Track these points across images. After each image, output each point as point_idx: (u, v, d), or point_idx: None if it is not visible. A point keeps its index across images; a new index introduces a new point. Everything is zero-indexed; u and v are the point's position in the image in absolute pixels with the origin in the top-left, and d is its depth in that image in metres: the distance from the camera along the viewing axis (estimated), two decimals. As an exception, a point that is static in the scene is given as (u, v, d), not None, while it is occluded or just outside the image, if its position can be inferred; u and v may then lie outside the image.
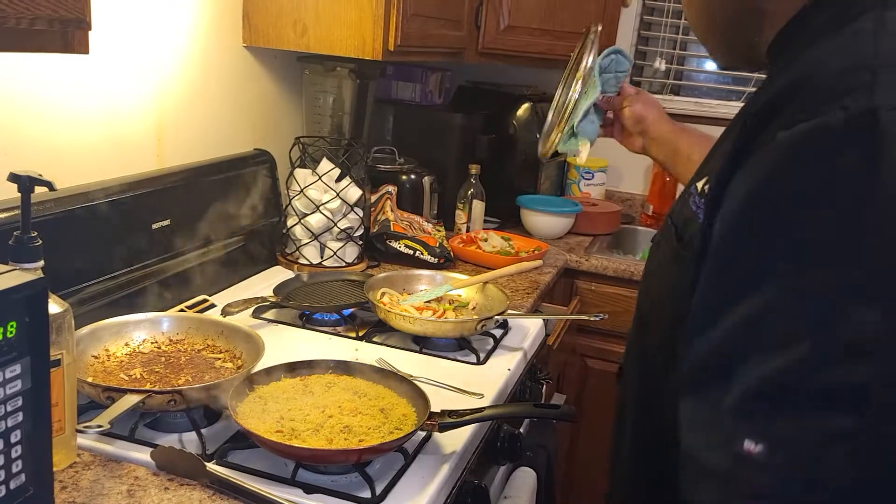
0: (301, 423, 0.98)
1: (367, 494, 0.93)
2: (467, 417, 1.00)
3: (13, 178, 0.85)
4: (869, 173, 0.52)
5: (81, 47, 0.84)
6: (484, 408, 1.04)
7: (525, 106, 2.32)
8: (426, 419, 0.98)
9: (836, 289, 0.52)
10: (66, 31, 0.81)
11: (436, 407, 1.03)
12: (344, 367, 1.13)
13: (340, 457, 0.94)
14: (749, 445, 0.53)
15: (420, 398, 1.04)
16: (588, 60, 1.25)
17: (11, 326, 0.70)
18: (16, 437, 0.72)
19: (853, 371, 0.51)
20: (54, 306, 0.90)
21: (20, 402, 0.72)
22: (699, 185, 0.73)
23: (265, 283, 1.62)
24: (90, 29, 0.82)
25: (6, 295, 0.69)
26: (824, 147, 0.54)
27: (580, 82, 1.26)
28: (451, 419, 0.99)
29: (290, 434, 0.96)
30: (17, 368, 0.71)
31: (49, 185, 0.85)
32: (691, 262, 0.66)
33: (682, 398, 0.61)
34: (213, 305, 1.46)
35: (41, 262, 0.88)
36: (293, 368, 1.12)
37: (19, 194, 0.86)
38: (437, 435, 1.07)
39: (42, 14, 0.75)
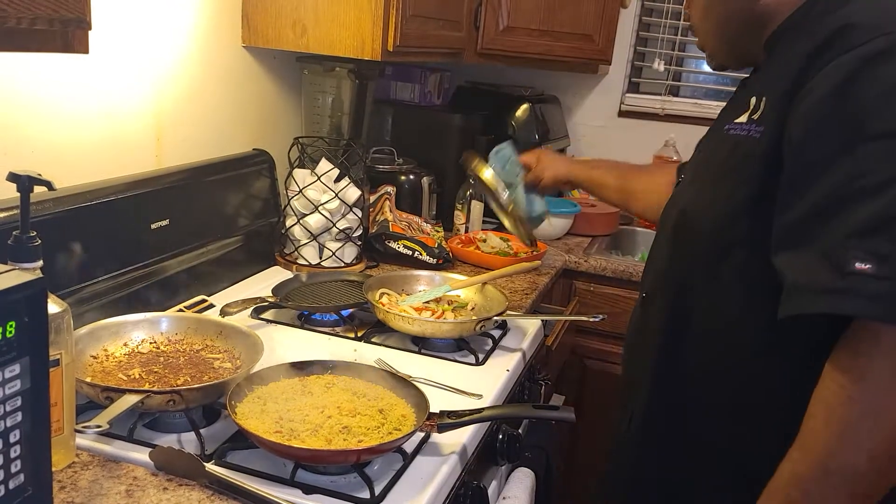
0: (300, 424, 0.98)
1: (366, 495, 0.93)
2: (466, 418, 1.00)
3: (12, 177, 0.85)
4: None
5: (81, 47, 0.83)
6: (483, 409, 1.04)
7: (524, 107, 2.33)
8: (425, 420, 0.98)
9: None
10: (67, 31, 0.81)
11: (435, 407, 1.03)
12: (343, 368, 1.13)
13: (339, 457, 0.94)
14: (860, 265, 0.70)
15: (419, 399, 1.04)
16: (487, 174, 1.52)
17: (11, 326, 0.70)
18: (15, 436, 0.72)
19: None
20: (53, 306, 0.89)
21: (19, 402, 0.72)
22: (740, 120, 0.89)
23: (264, 283, 1.62)
24: (90, 29, 0.82)
25: (5, 295, 0.69)
26: (880, 59, 0.76)
27: (496, 191, 1.52)
28: (451, 420, 0.99)
29: (290, 434, 0.96)
30: (17, 368, 0.71)
31: (48, 184, 0.85)
32: (753, 165, 0.84)
33: (777, 254, 0.79)
34: (211, 305, 1.46)
35: (40, 262, 0.88)
36: (292, 369, 1.12)
37: (18, 194, 0.86)
38: (435, 436, 1.07)
39: (42, 14, 0.75)
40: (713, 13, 0.94)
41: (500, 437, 1.24)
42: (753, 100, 0.89)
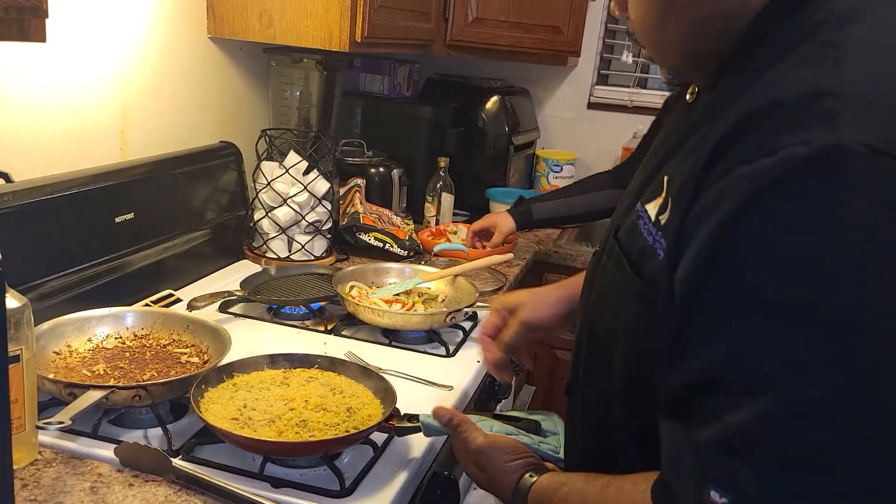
0: (260, 414, 0.98)
1: (335, 487, 0.93)
2: (427, 421, 0.97)
3: (-32, 169, 0.83)
4: (834, 218, 0.50)
5: (38, 35, 0.81)
6: None
7: (494, 99, 2.33)
8: (384, 421, 0.97)
9: (803, 345, 0.50)
10: (23, 19, 0.79)
11: (405, 401, 1.03)
12: (329, 363, 1.11)
13: (267, 447, 0.93)
14: (715, 496, 0.53)
15: (388, 399, 1.03)
16: None
17: (-34, 322, 0.68)
18: (-28, 435, 0.71)
19: (813, 434, 0.50)
20: (12, 301, 0.88)
21: (-23, 400, 0.70)
22: (651, 210, 0.68)
23: (232, 277, 1.60)
24: (47, 17, 0.80)
25: (-39, 289, 0.67)
26: (788, 186, 0.51)
27: None
28: (410, 424, 0.97)
29: (244, 423, 0.96)
30: (-27, 365, 0.70)
31: (6, 176, 0.84)
32: (659, 302, 0.62)
33: (661, 420, 0.62)
34: (178, 300, 1.44)
35: (-2, 257, 0.86)
36: (279, 359, 1.11)
37: (-25, 186, 0.84)
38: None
39: (-4, 1, 0.73)
40: (662, 13, 0.67)
41: (471, 427, 1.24)
42: (666, 181, 0.67)
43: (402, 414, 1.00)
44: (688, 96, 0.76)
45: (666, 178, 0.67)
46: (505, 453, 0.85)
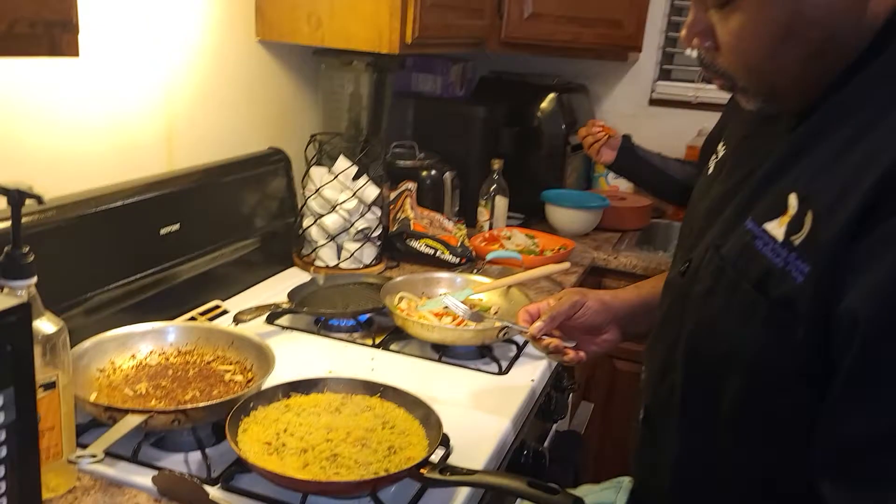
0: (296, 441, 0.94)
1: (379, 523, 0.88)
2: (454, 478, 0.89)
3: (2, 191, 0.81)
4: None
5: (70, 50, 0.78)
6: (476, 471, 0.91)
7: (550, 97, 2.24)
8: (416, 467, 0.89)
9: None
10: (52, 34, 0.75)
11: (456, 430, 0.97)
12: (392, 394, 1.05)
13: (289, 484, 0.88)
14: None
15: (433, 444, 0.95)
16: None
17: (-9, 356, 0.65)
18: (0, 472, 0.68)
19: None
20: (48, 325, 0.85)
21: (3, 436, 0.68)
22: (773, 230, 0.65)
23: (281, 285, 1.57)
24: (77, 31, 0.76)
25: (-17, 324, 0.64)
26: None
27: None
28: (440, 476, 0.89)
29: (275, 450, 0.92)
30: (-1, 400, 0.67)
31: (38, 198, 0.80)
32: (796, 326, 0.61)
33: (825, 479, 0.59)
34: (225, 311, 1.41)
35: (33, 279, 0.83)
36: (338, 384, 1.07)
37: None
38: (455, 454, 1.01)
39: (22, 17, 0.70)
40: (778, 42, 0.65)
41: (525, 453, 1.18)
42: (794, 201, 0.64)
43: (435, 463, 0.91)
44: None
45: (794, 196, 0.64)
46: None
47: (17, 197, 0.80)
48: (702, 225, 0.80)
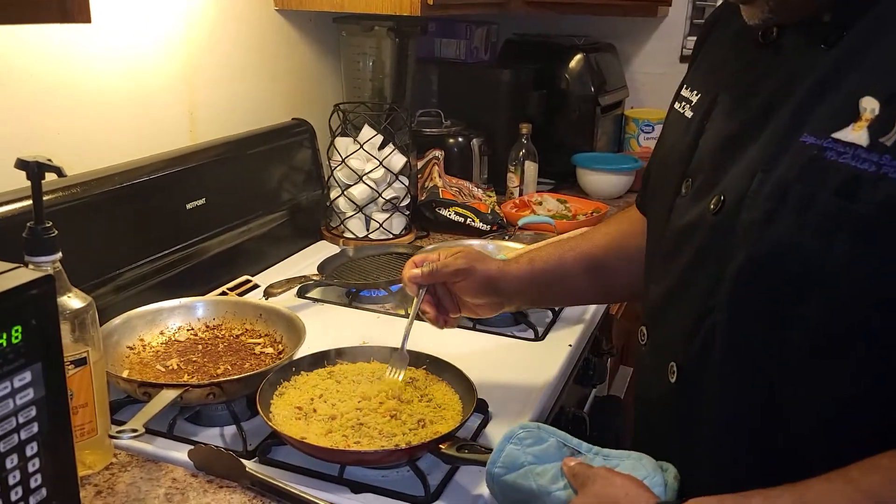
0: (327, 407, 0.94)
1: (419, 493, 0.85)
2: (470, 457, 0.85)
3: (21, 164, 0.79)
4: None
5: (82, 16, 0.75)
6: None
7: (577, 57, 2.17)
8: (434, 442, 0.86)
9: None
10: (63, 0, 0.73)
11: (491, 395, 0.94)
12: (438, 367, 1.02)
13: (319, 453, 0.87)
14: None
15: (459, 418, 0.92)
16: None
17: (17, 331, 0.63)
18: (31, 449, 0.66)
19: None
20: (76, 301, 0.83)
21: (33, 412, 0.66)
22: (849, 136, 0.62)
23: (310, 259, 1.55)
24: (88, -5, 0.74)
25: (6, 297, 0.62)
26: None
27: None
28: (456, 453, 0.86)
29: (304, 415, 0.92)
30: (27, 376, 0.65)
31: (58, 171, 0.79)
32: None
33: None
34: (256, 286, 1.40)
35: (58, 255, 0.81)
36: (384, 353, 1.05)
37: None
38: (493, 423, 0.99)
39: (31, -20, 0.68)
40: None
41: (564, 418, 1.15)
42: (870, 105, 0.62)
43: (457, 438, 0.88)
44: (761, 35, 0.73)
45: (869, 99, 0.62)
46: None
47: (36, 170, 0.79)
48: (714, 163, 0.75)
